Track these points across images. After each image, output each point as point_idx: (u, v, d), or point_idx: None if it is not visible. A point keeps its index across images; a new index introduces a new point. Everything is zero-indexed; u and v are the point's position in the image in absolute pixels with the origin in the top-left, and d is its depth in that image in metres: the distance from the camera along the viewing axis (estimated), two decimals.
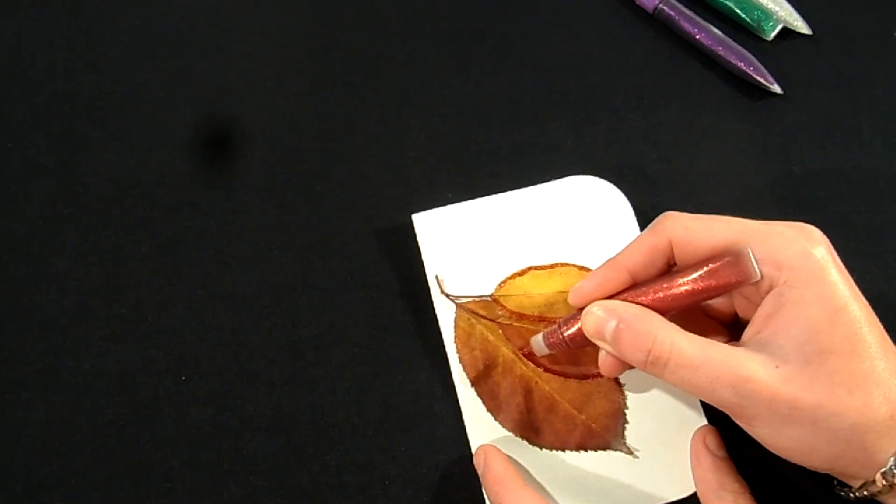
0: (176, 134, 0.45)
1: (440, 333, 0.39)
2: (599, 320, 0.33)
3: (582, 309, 0.34)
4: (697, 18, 0.47)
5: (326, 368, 0.39)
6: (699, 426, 0.37)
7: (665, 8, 0.47)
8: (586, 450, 0.37)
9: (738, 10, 0.47)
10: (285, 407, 0.39)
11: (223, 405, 0.39)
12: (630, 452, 0.37)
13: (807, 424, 0.29)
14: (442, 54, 0.47)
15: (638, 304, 0.33)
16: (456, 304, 0.39)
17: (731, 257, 0.31)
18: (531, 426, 0.37)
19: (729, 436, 0.36)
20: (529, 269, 0.40)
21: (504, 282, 0.40)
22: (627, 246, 0.34)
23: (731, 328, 0.36)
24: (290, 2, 0.49)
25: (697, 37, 0.47)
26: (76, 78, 0.46)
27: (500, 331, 0.39)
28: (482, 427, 0.37)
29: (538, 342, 0.36)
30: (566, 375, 0.38)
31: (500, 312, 0.39)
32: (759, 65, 0.45)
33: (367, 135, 0.45)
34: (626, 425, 0.37)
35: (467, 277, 0.40)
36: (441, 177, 0.44)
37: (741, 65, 0.46)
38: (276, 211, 0.43)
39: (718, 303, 0.36)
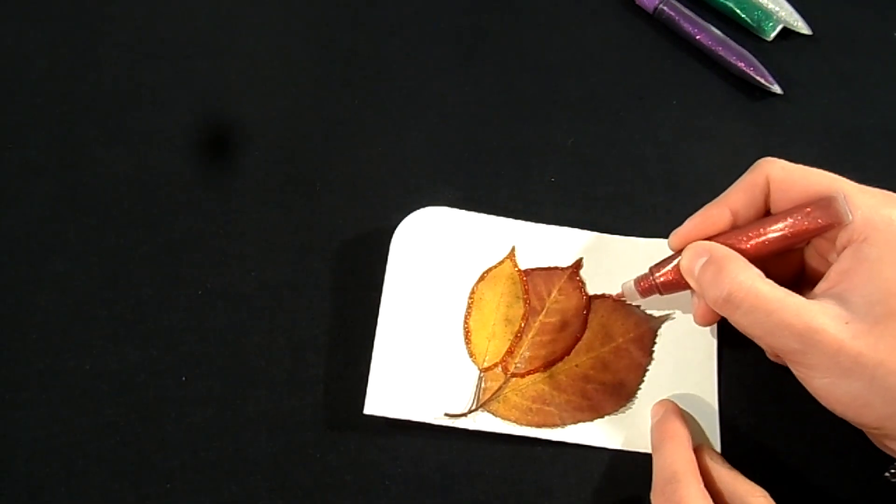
0: (176, 134, 0.45)
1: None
2: (693, 255, 0.34)
3: (676, 254, 0.36)
4: (697, 18, 0.47)
5: (326, 368, 0.39)
6: (697, 446, 0.36)
7: (665, 8, 0.47)
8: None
9: (738, 10, 0.48)
10: (285, 407, 0.39)
11: (223, 405, 0.39)
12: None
13: (865, 380, 0.30)
14: (442, 54, 0.47)
15: (732, 246, 0.34)
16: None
17: (824, 200, 0.33)
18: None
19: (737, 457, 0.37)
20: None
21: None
22: (728, 189, 0.36)
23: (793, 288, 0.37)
24: (290, 2, 0.49)
25: (697, 37, 0.47)
26: (76, 78, 0.46)
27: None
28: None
29: (629, 287, 0.38)
30: None
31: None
32: (759, 65, 0.45)
33: (367, 135, 0.45)
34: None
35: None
36: (441, 177, 0.44)
37: (741, 65, 0.46)
38: (276, 211, 0.43)
39: (787, 262, 0.37)
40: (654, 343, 0.39)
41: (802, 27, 0.47)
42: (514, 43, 0.48)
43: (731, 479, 0.34)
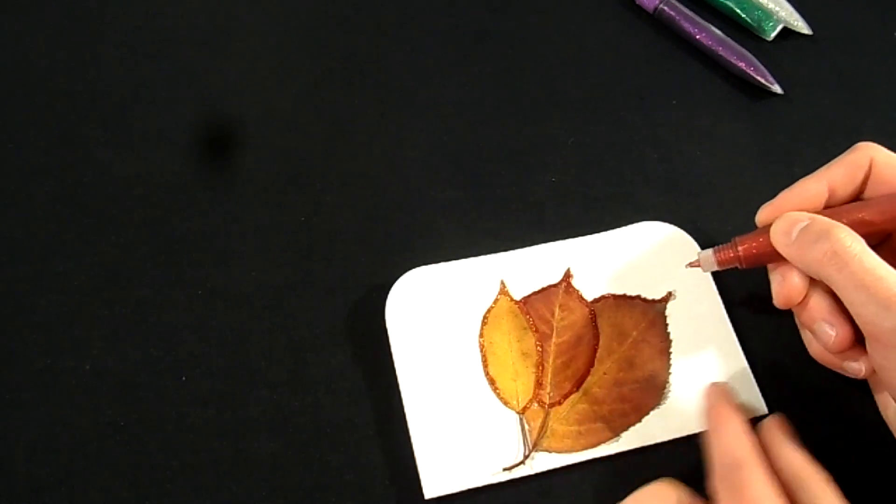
0: (176, 134, 0.45)
1: None
2: (791, 220, 0.33)
3: (763, 228, 0.34)
4: (697, 18, 0.47)
5: (326, 368, 0.39)
6: (769, 417, 0.35)
7: (665, 8, 0.47)
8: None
9: (738, 10, 0.48)
10: (285, 407, 0.38)
11: (223, 405, 0.39)
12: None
13: None
14: (442, 54, 0.47)
15: None
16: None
17: None
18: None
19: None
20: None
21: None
22: (827, 165, 0.35)
23: None
24: (290, 2, 0.49)
25: (697, 37, 0.47)
26: (76, 78, 0.46)
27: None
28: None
29: (707, 256, 0.36)
30: None
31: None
32: (759, 65, 0.45)
33: (367, 135, 0.45)
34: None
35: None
36: (441, 177, 0.44)
37: (741, 65, 0.46)
38: (276, 211, 0.43)
39: None
40: (667, 325, 0.39)
41: (802, 27, 0.47)
42: (514, 43, 0.48)
43: (794, 460, 0.32)
